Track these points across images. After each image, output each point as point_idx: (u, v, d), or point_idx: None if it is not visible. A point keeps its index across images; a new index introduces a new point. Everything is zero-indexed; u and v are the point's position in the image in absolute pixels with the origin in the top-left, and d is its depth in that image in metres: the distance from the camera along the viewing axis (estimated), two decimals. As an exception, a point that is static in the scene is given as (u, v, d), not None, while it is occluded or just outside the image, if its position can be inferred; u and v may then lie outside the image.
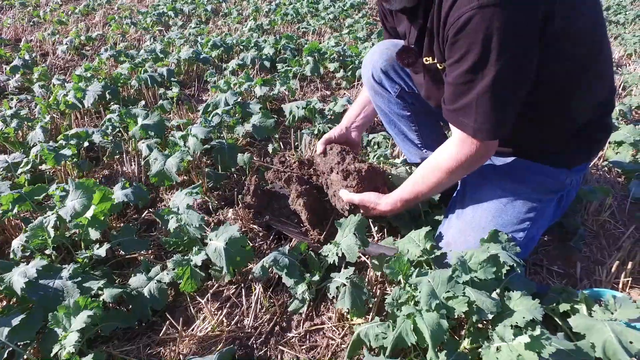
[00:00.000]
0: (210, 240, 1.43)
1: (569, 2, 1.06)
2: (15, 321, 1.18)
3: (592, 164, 2.20)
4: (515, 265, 1.16)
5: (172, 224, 1.52)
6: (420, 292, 1.11)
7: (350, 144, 1.76)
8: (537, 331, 0.93)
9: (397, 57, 1.34)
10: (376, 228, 1.70)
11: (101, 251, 1.47)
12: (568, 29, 1.07)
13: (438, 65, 1.23)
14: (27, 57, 4.07)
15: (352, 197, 1.49)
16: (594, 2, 1.16)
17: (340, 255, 1.38)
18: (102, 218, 1.60)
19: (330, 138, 1.71)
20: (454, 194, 1.52)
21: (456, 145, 1.23)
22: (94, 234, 1.58)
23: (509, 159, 1.41)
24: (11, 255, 1.53)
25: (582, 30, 1.11)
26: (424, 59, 1.28)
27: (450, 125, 1.23)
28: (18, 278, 1.26)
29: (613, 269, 1.47)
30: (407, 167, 1.82)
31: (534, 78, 1.11)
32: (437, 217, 1.64)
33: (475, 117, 1.12)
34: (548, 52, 1.07)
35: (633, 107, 2.93)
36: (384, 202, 1.44)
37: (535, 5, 0.99)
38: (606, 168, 2.24)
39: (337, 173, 1.58)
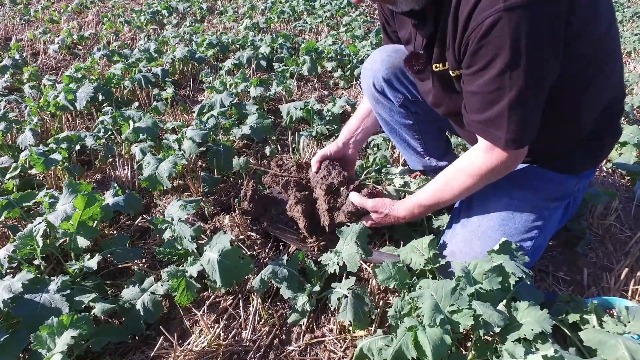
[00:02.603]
0: (205, 250, 1.37)
1: (589, 2, 1.01)
2: (-1, 340, 1.11)
3: (595, 165, 2.16)
4: (524, 276, 1.12)
5: (166, 235, 1.46)
6: (423, 305, 1.06)
7: (347, 160, 1.70)
8: (551, 351, 0.88)
9: (405, 64, 1.28)
10: (377, 236, 1.65)
11: (92, 263, 1.40)
12: (584, 30, 1.02)
13: (451, 72, 1.17)
14: (17, 56, 3.99)
15: (365, 202, 1.43)
16: (608, 1, 1.11)
17: (341, 264, 1.33)
18: (92, 224, 1.54)
19: (326, 155, 1.64)
20: (459, 202, 1.47)
21: (485, 153, 1.16)
22: (83, 242, 1.51)
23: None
24: (-3, 267, 1.47)
25: (597, 31, 1.06)
26: (434, 66, 1.22)
27: (477, 135, 1.17)
28: (2, 293, 1.20)
29: (622, 276, 1.43)
30: (400, 182, 1.72)
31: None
32: (438, 225, 1.59)
33: (507, 127, 1.05)
34: (564, 53, 1.02)
35: (635, 107, 2.89)
36: (399, 206, 1.38)
37: (558, 5, 0.94)
38: (610, 169, 2.20)
39: (321, 188, 1.55)
